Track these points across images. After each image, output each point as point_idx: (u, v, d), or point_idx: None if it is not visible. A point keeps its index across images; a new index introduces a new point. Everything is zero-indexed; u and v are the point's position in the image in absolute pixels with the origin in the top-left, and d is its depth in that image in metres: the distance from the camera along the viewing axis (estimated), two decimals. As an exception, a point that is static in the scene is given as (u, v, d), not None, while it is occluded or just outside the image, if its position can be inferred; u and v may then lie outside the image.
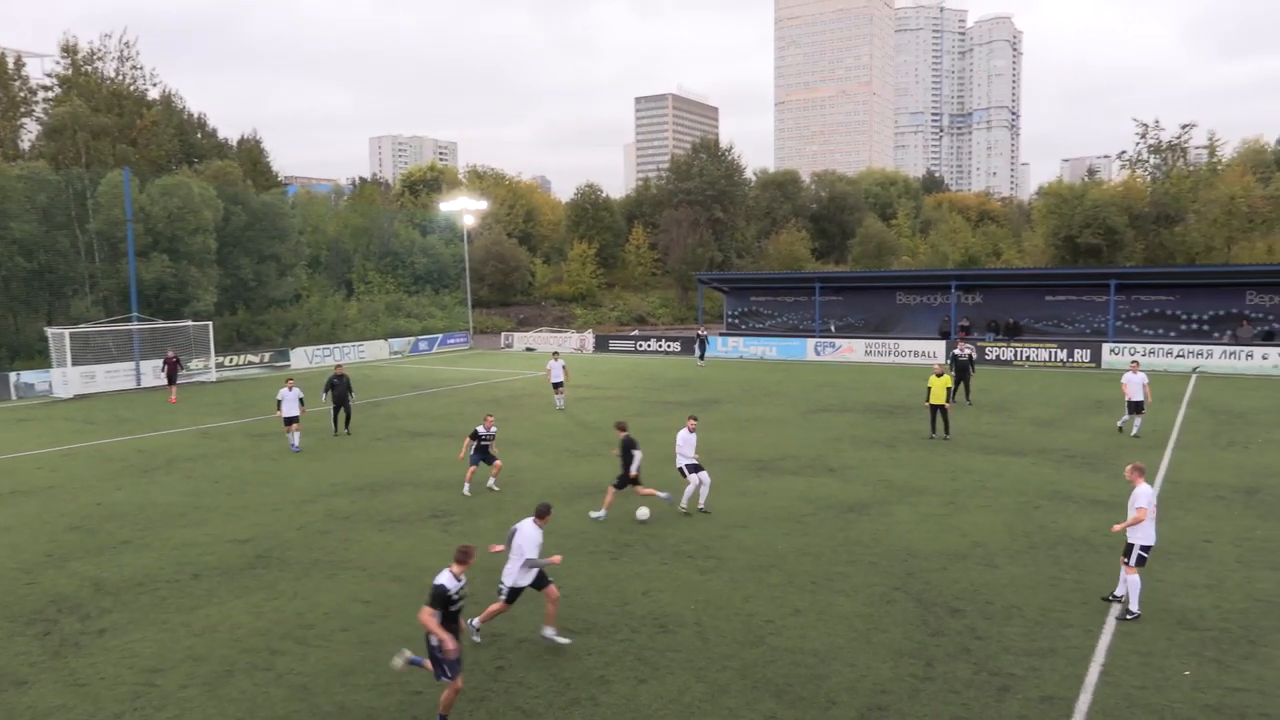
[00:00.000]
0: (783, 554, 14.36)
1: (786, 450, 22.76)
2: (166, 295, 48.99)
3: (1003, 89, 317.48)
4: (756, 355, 49.78)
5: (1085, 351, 42.36)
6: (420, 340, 58.30)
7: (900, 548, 14.58)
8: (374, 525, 16.52)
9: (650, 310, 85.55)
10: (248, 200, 55.94)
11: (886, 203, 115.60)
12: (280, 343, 56.38)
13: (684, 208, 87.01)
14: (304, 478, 20.70)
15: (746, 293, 57.16)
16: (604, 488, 18.83)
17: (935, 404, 23.97)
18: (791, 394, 33.91)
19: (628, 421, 20.73)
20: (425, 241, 77.20)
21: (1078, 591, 12.61)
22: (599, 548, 14.82)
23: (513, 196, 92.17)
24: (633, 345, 54.45)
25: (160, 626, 12.02)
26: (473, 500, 18.15)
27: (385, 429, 27.51)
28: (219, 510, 17.85)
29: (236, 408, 33.41)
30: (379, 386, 39.23)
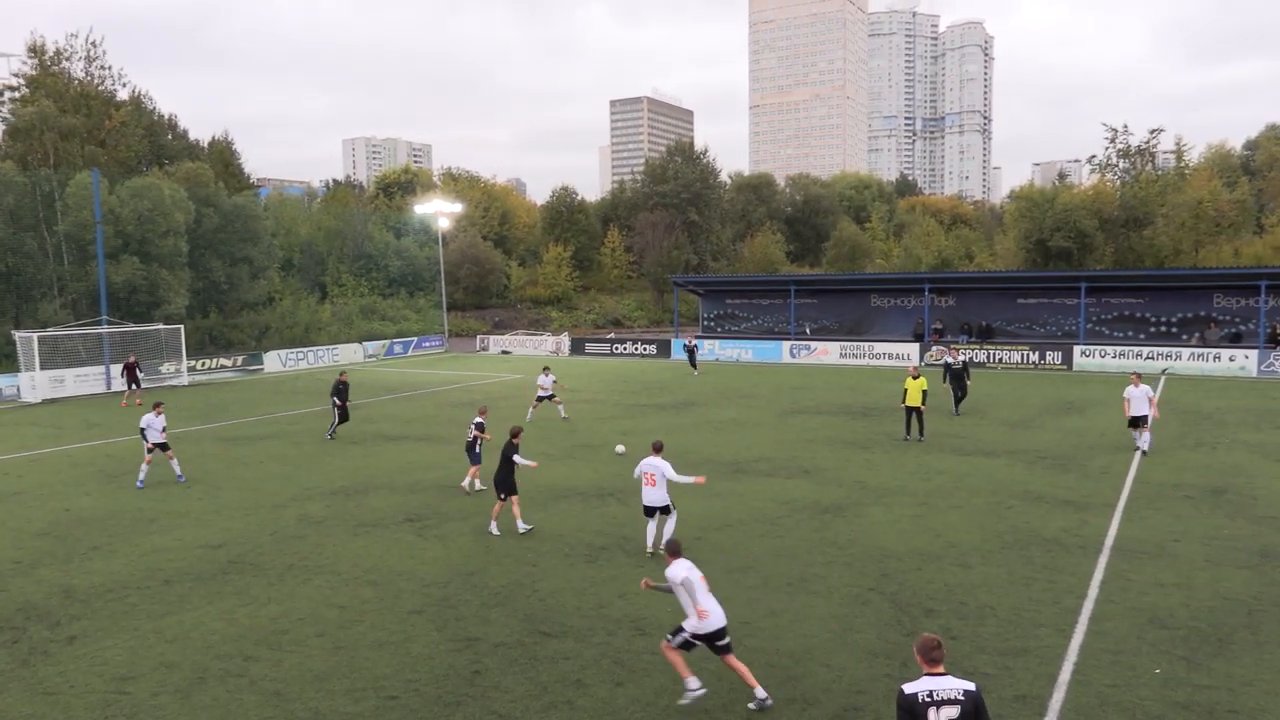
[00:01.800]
0: (759, 556, 14.39)
1: (762, 452, 22.80)
2: (137, 298, 48.49)
3: (975, 93, 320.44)
4: (732, 358, 49.87)
5: (1057, 353, 42.77)
6: (395, 343, 57.99)
7: (875, 549, 14.64)
8: (348, 530, 16.41)
9: (626, 313, 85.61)
10: (219, 202, 55.49)
11: (860, 206, 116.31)
12: (253, 346, 55.93)
13: (659, 210, 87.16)
14: (277, 482, 20.52)
15: (722, 295, 57.29)
16: (581, 491, 18.79)
17: (911, 406, 24.11)
18: (767, 396, 33.97)
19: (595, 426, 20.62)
20: (399, 244, 76.84)
21: (1050, 591, 12.72)
22: (574, 550, 14.80)
23: (488, 199, 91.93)
24: (609, 348, 54.40)
25: (131, 633, 11.87)
26: (447, 504, 18.06)
27: (360, 432, 27.33)
28: (190, 516, 17.65)
29: (208, 412, 33.07)
30: (354, 390, 38.87)
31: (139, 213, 47.93)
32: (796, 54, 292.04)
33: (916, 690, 6.02)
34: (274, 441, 26.13)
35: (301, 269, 71.49)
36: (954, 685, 6.02)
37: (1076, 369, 41.88)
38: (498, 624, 11.86)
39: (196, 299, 55.24)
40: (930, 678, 6.09)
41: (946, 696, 5.94)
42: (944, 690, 5.97)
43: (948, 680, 6.04)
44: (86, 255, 47.12)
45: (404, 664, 10.75)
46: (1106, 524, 15.97)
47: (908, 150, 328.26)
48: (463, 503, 18.17)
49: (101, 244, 42.60)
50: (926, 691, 5.98)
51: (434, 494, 19.02)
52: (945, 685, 6.01)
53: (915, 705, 5.94)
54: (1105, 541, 14.94)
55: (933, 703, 5.92)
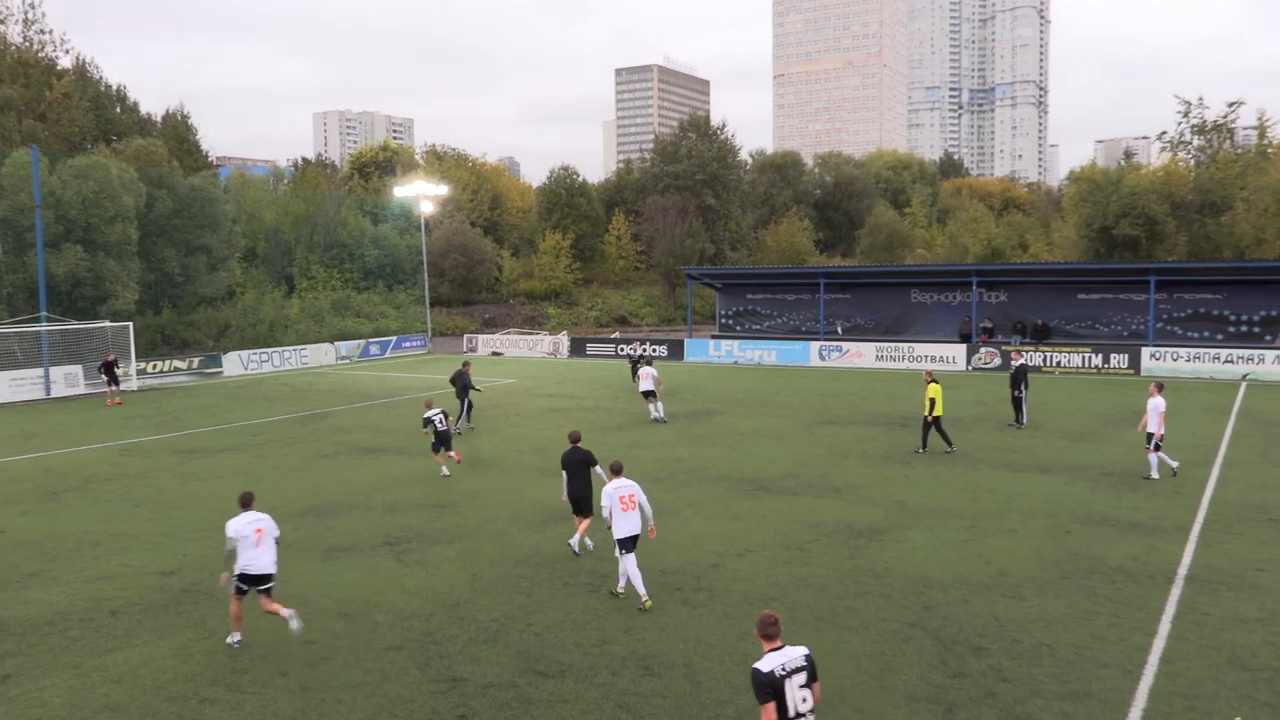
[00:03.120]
0: (783, 585, 14.37)
1: (787, 468, 22.80)
2: (81, 292, 48.69)
3: (1029, 61, 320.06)
4: (753, 360, 49.89)
5: (1122, 356, 42.66)
6: (371, 343, 58.11)
7: (915, 577, 14.62)
8: (317, 554, 16.43)
9: (633, 309, 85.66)
10: (174, 184, 55.72)
11: (899, 189, 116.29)
12: (211, 346, 56.18)
13: (671, 194, 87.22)
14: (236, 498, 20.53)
15: (741, 290, 57.26)
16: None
17: (938, 415, 24.33)
18: (793, 404, 33.96)
19: (584, 433, 20.66)
20: (377, 231, 77.05)
21: (1115, 627, 12.66)
22: (575, 579, 14.79)
23: (477, 180, 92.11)
24: (613, 349, 54.45)
25: (72, 672, 11.89)
26: (430, 525, 18.07)
27: (332, 444, 27.38)
28: (140, 538, 17.70)
29: (160, 421, 33.17)
30: (324, 396, 39.05)
31: (83, 195, 48.13)
32: (826, 16, 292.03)
33: (771, 667, 7.27)
34: (234, 455, 26.19)
35: (266, 259, 71.72)
36: (796, 653, 7.43)
37: (1145, 373, 41.75)
38: (487, 662, 11.85)
39: (148, 293, 55.45)
40: (776, 653, 7.38)
41: (795, 665, 7.35)
42: (791, 660, 7.35)
43: (789, 651, 7.42)
44: (24, 244, 47.32)
45: (380, 707, 10.75)
46: (1179, 551, 15.90)
47: (953, 126, 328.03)
48: (447, 524, 18.18)
49: (41, 231, 42.79)
50: (780, 665, 7.29)
51: (415, 514, 19.03)
52: (790, 656, 7.38)
53: (774, 680, 7.21)
54: (1178, 571, 14.87)
55: (787, 674, 7.27)
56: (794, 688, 7.24)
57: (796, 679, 7.28)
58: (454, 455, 23.00)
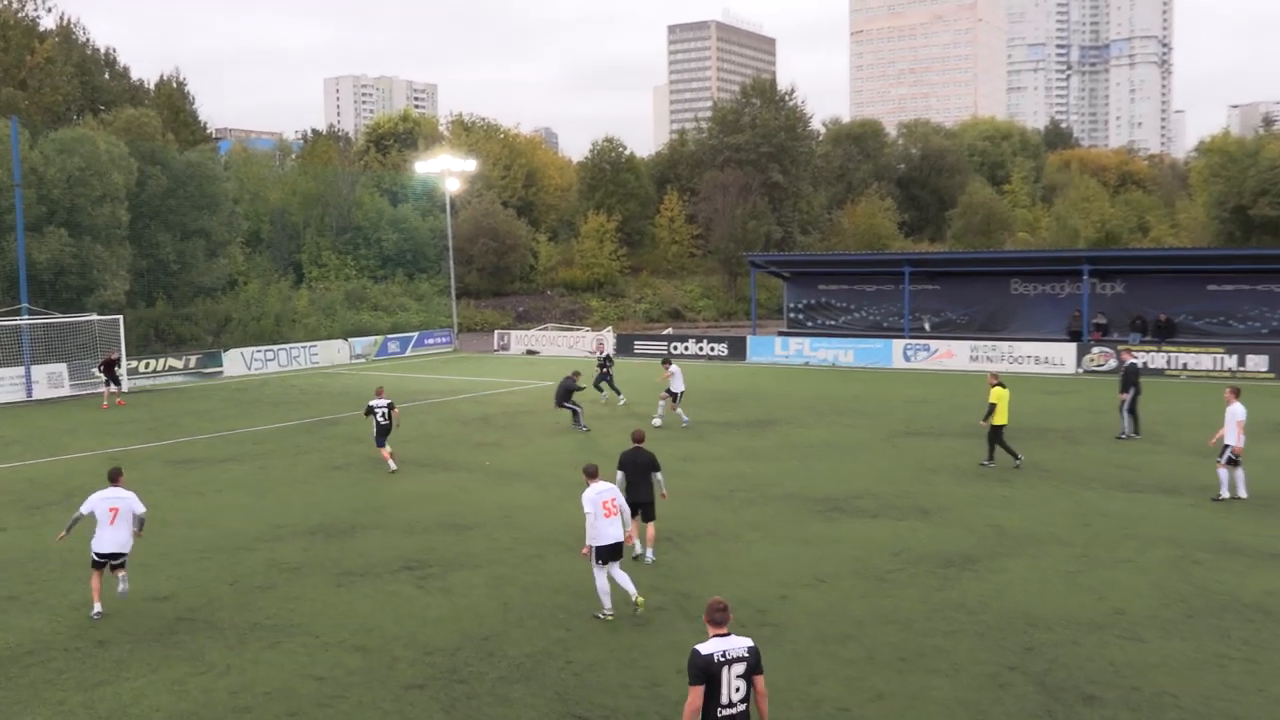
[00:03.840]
0: (860, 620, 14.33)
1: (865, 485, 22.73)
2: (65, 281, 49.40)
3: (1149, 14, 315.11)
4: (826, 361, 49.70)
5: (1261, 358, 41.90)
6: (390, 340, 58.61)
7: (1016, 614, 14.50)
8: (329, 579, 16.61)
9: (688, 302, 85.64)
10: (168, 160, 56.51)
11: (997, 162, 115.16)
12: (210, 343, 56.89)
13: (731, 169, 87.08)
14: (239, 517, 20.84)
15: (813, 279, 56.98)
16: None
17: (1001, 424, 24.42)
18: (872, 412, 33.80)
19: (644, 438, 20.69)
20: (396, 213, 77.66)
21: (1252, 675, 12.46)
22: (621, 611, 14.82)
23: (509, 154, 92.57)
24: (665, 348, 54.49)
25: (56, 708, 12.11)
26: (456, 547, 18.20)
27: (344, 455, 27.65)
28: (130, 558, 17.94)
29: (153, 427, 33.71)
30: (336, 400, 39.46)
31: (68, 173, 48.91)
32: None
33: (711, 651, 8.16)
34: (236, 466, 26.56)
35: (272, 244, 72.58)
36: (740, 644, 8.28)
37: (1288, 379, 40.95)
38: (520, 704, 11.91)
39: (140, 282, 56.21)
40: (719, 639, 8.25)
41: (736, 655, 8.19)
42: (734, 649, 8.20)
43: (734, 640, 8.28)
44: (2, 227, 48.10)
45: (399, 754, 10.82)
46: (1329, 586, 15.61)
47: (1060, 89, 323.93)
48: (474, 547, 18.29)
49: (21, 212, 43.45)
50: (720, 652, 8.15)
51: (438, 535, 19.18)
52: (733, 645, 8.24)
53: (711, 665, 8.09)
54: (1328, 609, 14.60)
55: (726, 661, 8.11)
56: (730, 676, 8.08)
57: (735, 668, 8.10)
58: (385, 455, 25.31)
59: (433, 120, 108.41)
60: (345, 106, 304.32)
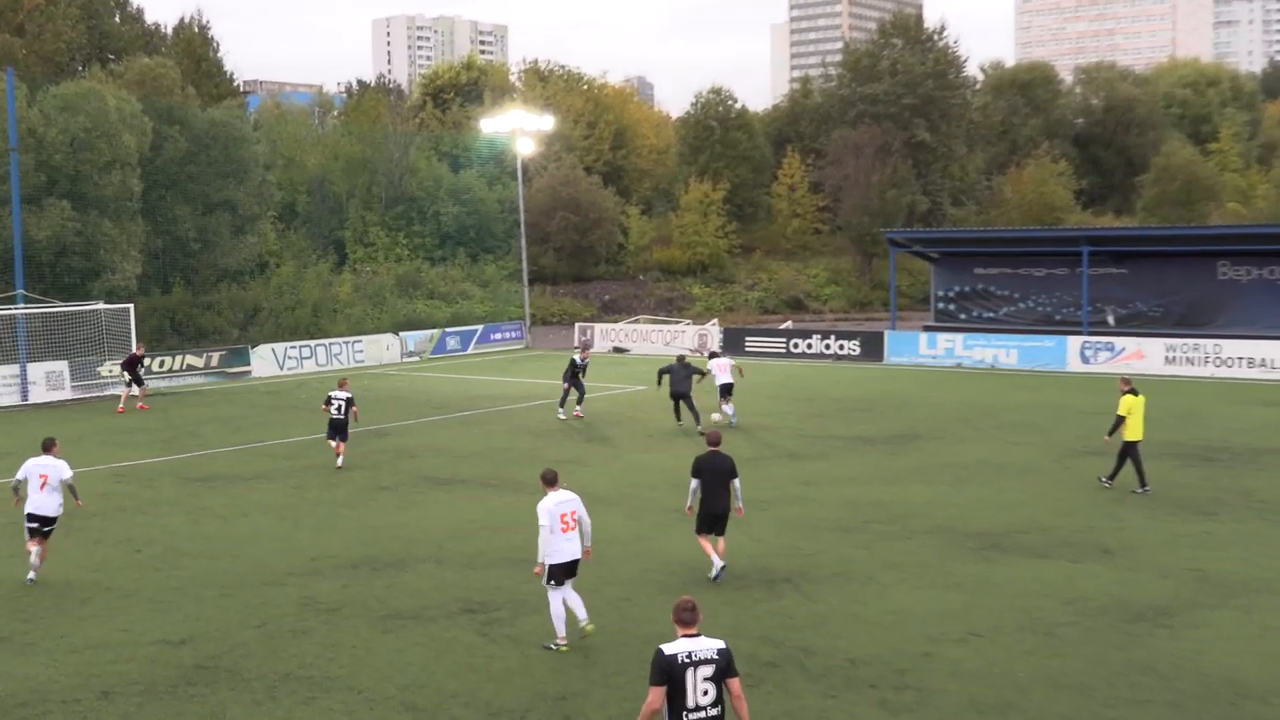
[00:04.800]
0: (1024, 685, 14.14)
1: (1031, 516, 22.49)
2: (67, 263, 50.42)
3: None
4: (983, 362, 49.09)
5: None
6: (449, 334, 59.13)
7: (1220, 679, 14.24)
8: (374, 622, 16.69)
9: (812, 289, 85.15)
10: (188, 118, 57.50)
11: (1200, 115, 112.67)
12: (235, 337, 57.70)
13: (867, 125, 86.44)
14: (268, 546, 21.06)
15: (967, 262, 56.36)
16: (739, 572, 18.65)
17: (1134, 440, 24.59)
18: (1040, 425, 33.46)
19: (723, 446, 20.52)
20: (457, 181, 78.33)
21: None
22: (572, 640, 14.73)
23: (594, 109, 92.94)
24: (783, 344, 54.23)
25: (47, 773, 12.26)
26: (525, 585, 18.09)
27: (393, 473, 27.83)
28: (141, 594, 18.26)
29: (169, 436, 34.27)
30: (384, 406, 39.83)
31: (71, 134, 49.95)
32: None
33: (676, 651, 9.16)
34: (264, 485, 26.90)
35: (309, 219, 73.66)
36: (708, 645, 9.27)
37: None
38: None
39: (154, 264, 57.26)
40: (686, 639, 9.28)
41: (703, 656, 9.17)
42: (700, 650, 9.19)
43: (702, 641, 9.28)
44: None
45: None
46: None
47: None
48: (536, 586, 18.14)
49: (17, 182, 44.36)
50: (685, 653, 9.15)
51: (505, 570, 19.20)
52: (701, 646, 9.24)
53: (674, 666, 9.09)
54: None
55: (691, 663, 9.10)
56: (696, 678, 9.05)
57: (702, 670, 9.08)
58: (339, 450, 28.41)
59: (502, 69, 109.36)
60: (397, 53, 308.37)
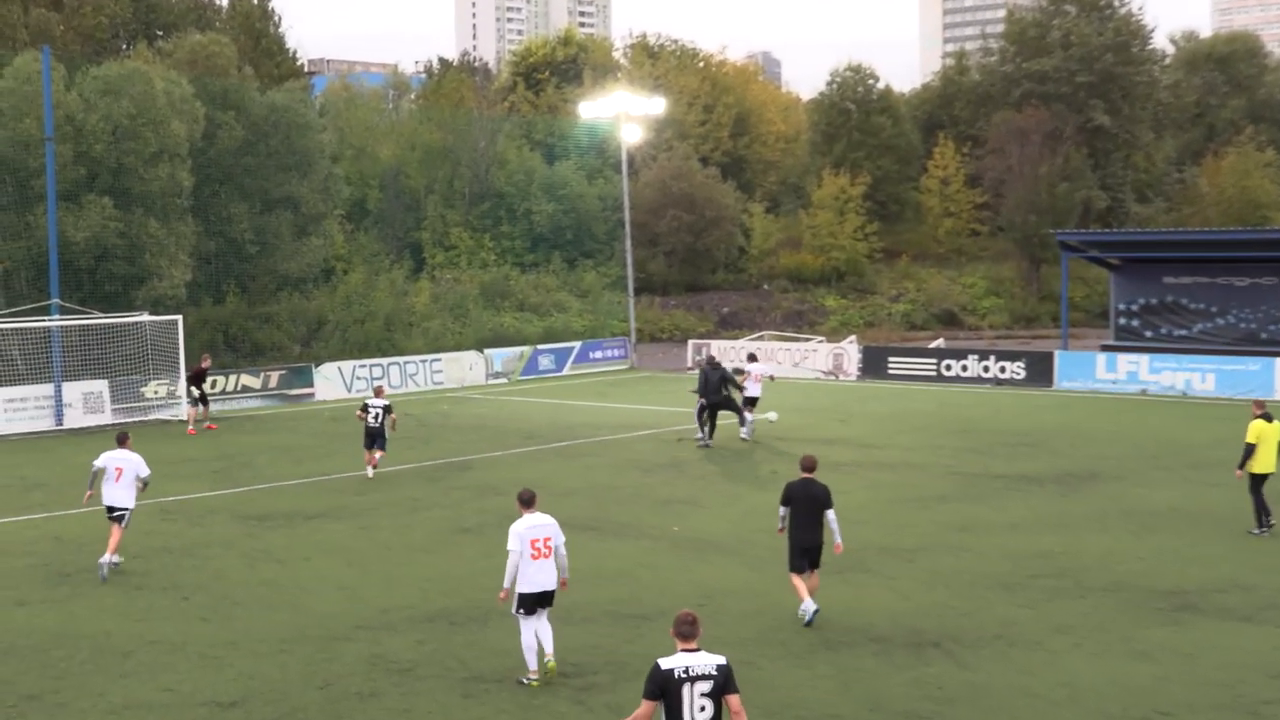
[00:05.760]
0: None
1: (1231, 573, 22.07)
2: (108, 269, 51.19)
3: None
4: (1174, 388, 48.28)
5: None
6: (541, 352, 59.32)
7: None
8: (453, 685, 16.79)
9: (967, 301, 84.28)
10: (246, 103, 58.19)
11: None
12: (297, 354, 58.25)
13: (1034, 107, 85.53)
14: (333, 596, 21.23)
15: (1155, 268, 55.55)
16: (878, 634, 18.58)
17: (1262, 473, 24.71)
18: (1243, 464, 32.57)
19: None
20: (552, 174, 78.62)
21: None
22: None
23: (711, 90, 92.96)
24: (934, 366, 53.85)
25: None
26: (631, 647, 18.14)
27: (476, 512, 27.92)
28: (188, 648, 18.49)
29: (222, 467, 34.70)
30: (466, 435, 40.15)
31: (114, 122, 50.71)
32: None
33: (673, 666, 10.16)
34: (329, 524, 27.18)
35: (381, 218, 74.43)
36: (708, 660, 10.26)
37: None
38: None
39: (205, 270, 57.89)
40: (685, 653, 10.30)
41: (701, 672, 10.16)
42: (699, 666, 10.19)
43: (702, 656, 10.30)
44: (28, 195, 49.70)
45: None
46: None
47: None
48: (656, 647, 18.03)
49: (53, 176, 44.95)
50: (683, 668, 10.15)
51: (605, 628, 19.22)
52: (700, 661, 10.24)
53: (670, 681, 10.08)
54: None
55: (688, 678, 10.11)
56: (693, 694, 10.06)
57: (699, 686, 10.09)
58: (371, 461, 32.26)
59: (604, 44, 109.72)
60: (484, 28, 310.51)
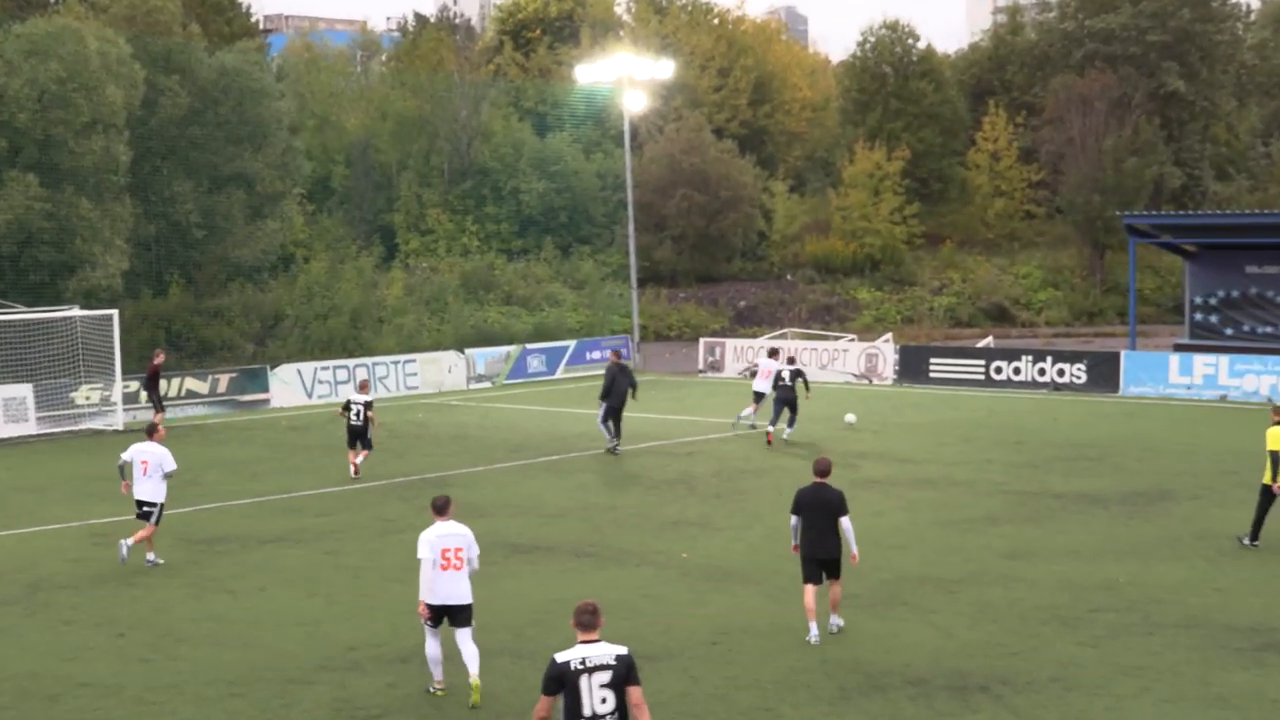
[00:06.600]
0: None
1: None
2: (34, 255, 51.26)
3: None
4: (1258, 393, 48.19)
5: None
6: (531, 352, 59.29)
7: None
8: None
9: (1020, 294, 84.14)
10: (192, 66, 58.07)
11: None
12: (251, 353, 58.18)
13: (1098, 71, 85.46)
14: (292, 631, 21.22)
15: (1237, 256, 55.55)
16: (910, 672, 18.58)
17: None
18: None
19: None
20: (544, 147, 78.53)
21: None
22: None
23: (729, 52, 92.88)
24: (982, 369, 53.94)
25: None
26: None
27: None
28: (125, 692, 18.47)
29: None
30: (445, 447, 40.27)
31: (40, 87, 50.81)
32: None
33: (569, 658, 11.14)
34: (289, 550, 27.20)
35: (348, 198, 74.39)
36: (606, 651, 11.23)
37: None
38: None
39: (145, 258, 57.86)
40: (584, 645, 11.26)
41: (599, 663, 11.12)
42: (596, 656, 11.15)
43: (601, 646, 11.26)
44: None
45: None
46: None
47: None
48: (664, 690, 18.13)
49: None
50: (579, 659, 11.13)
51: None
52: (598, 651, 11.21)
53: (566, 673, 11.03)
54: None
55: (585, 669, 11.06)
56: (592, 685, 11.02)
57: (597, 676, 11.04)
58: (355, 461, 34.40)
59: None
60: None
